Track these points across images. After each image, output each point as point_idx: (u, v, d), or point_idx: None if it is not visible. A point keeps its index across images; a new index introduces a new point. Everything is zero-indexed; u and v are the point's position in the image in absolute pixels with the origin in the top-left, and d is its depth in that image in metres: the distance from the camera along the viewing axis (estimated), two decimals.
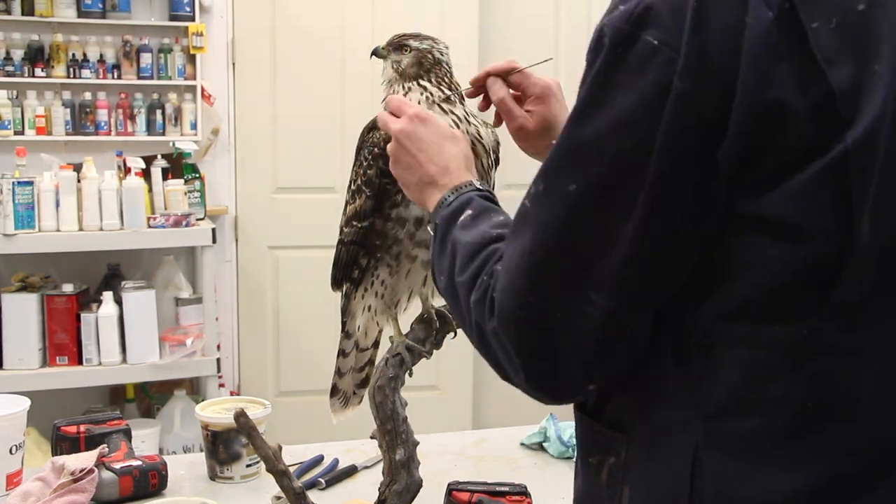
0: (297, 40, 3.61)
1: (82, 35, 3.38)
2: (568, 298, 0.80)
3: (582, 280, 0.79)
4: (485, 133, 1.28)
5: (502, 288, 0.84)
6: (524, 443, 1.77)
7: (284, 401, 3.60)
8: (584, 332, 0.81)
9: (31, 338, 3.01)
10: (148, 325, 3.10)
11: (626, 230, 0.77)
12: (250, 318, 3.71)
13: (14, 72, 3.29)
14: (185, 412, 3.27)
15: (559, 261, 0.81)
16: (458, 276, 0.94)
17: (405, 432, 1.29)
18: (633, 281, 0.79)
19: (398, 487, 1.28)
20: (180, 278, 3.31)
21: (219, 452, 1.58)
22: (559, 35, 3.89)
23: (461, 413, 3.80)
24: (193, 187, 3.31)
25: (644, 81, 0.75)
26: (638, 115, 0.75)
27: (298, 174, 3.67)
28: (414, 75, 1.29)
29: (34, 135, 3.31)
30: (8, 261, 3.17)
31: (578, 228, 0.79)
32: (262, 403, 1.67)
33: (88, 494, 1.41)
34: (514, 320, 0.83)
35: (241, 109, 3.63)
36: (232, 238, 3.67)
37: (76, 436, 1.57)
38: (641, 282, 0.79)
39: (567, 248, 0.80)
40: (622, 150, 0.76)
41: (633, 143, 0.75)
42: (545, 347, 0.83)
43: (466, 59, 3.52)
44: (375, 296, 1.32)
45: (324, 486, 1.57)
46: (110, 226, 3.05)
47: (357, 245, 1.30)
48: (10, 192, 2.92)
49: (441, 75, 1.29)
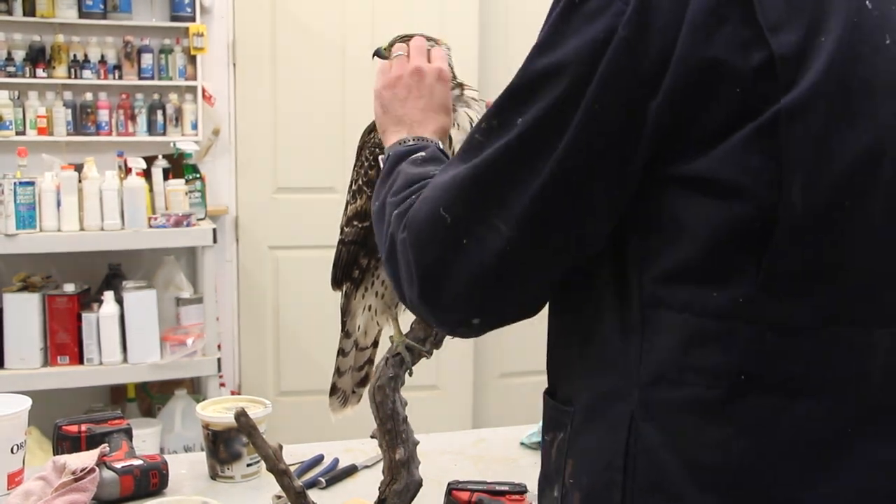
0: (297, 40, 3.61)
1: (83, 36, 3.38)
2: (477, 220, 0.83)
3: (495, 206, 0.82)
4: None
5: (422, 199, 0.88)
6: (524, 442, 1.78)
7: (285, 400, 3.61)
8: (481, 259, 0.83)
9: (32, 337, 3.01)
10: (149, 325, 3.11)
11: (546, 167, 0.79)
12: (251, 318, 3.72)
13: (15, 72, 3.30)
14: (186, 412, 3.28)
15: (482, 184, 0.83)
16: (389, 197, 0.98)
17: (405, 432, 1.30)
18: (540, 218, 0.81)
19: (398, 487, 1.29)
20: (181, 278, 3.31)
21: (219, 452, 1.59)
22: None
23: (461, 413, 3.81)
24: (194, 187, 3.32)
25: (594, 28, 0.78)
26: (581, 58, 0.78)
27: (298, 174, 3.68)
28: None
29: (35, 135, 3.31)
30: (9, 261, 3.17)
31: (508, 158, 0.82)
32: (263, 403, 1.67)
33: (89, 494, 1.41)
34: (422, 230, 0.87)
35: (242, 110, 3.63)
36: (232, 238, 3.67)
37: (77, 435, 1.57)
38: (548, 221, 0.81)
39: (493, 174, 0.83)
40: (561, 90, 0.79)
41: (572, 84, 0.78)
42: (443, 265, 0.85)
43: (466, 59, 3.52)
44: (376, 295, 1.33)
45: (324, 486, 1.58)
46: (111, 226, 3.06)
47: (358, 245, 1.31)
48: (12, 192, 2.92)
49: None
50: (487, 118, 0.86)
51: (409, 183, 0.98)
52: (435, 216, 0.85)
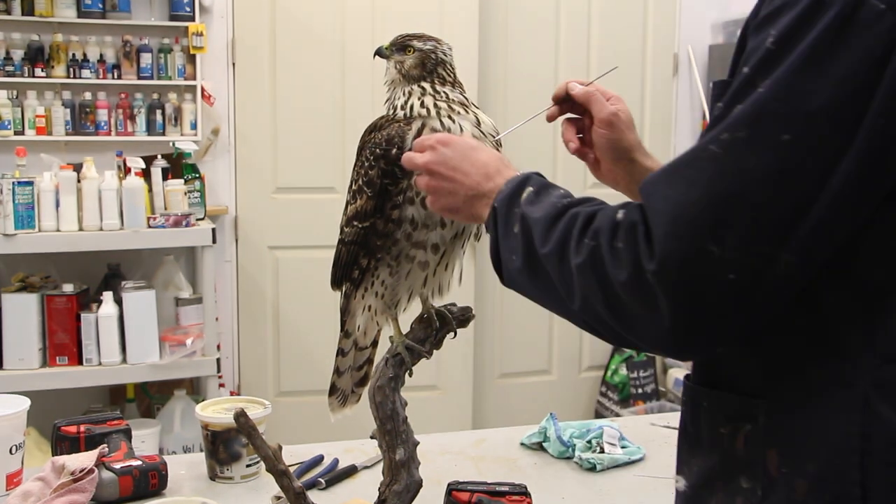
0: (297, 40, 3.61)
1: (82, 35, 3.38)
2: (756, 253, 0.80)
3: (778, 235, 0.80)
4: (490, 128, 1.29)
5: (670, 234, 0.82)
6: (524, 443, 1.77)
7: (284, 401, 3.60)
8: (756, 292, 0.81)
9: (31, 338, 3.01)
10: (148, 325, 3.10)
11: (831, 187, 0.79)
12: (250, 318, 3.72)
13: (14, 72, 3.30)
14: (185, 412, 3.28)
15: (760, 211, 0.80)
16: (541, 249, 0.94)
17: (405, 432, 1.29)
18: (824, 239, 0.81)
19: (398, 487, 1.28)
20: (180, 278, 3.31)
21: (219, 452, 1.58)
22: (559, 35, 3.89)
23: (461, 413, 3.80)
24: (193, 187, 3.31)
25: (868, 42, 0.79)
26: (861, 73, 0.79)
27: (298, 174, 3.68)
28: (417, 77, 1.29)
29: (34, 135, 3.31)
30: (8, 261, 3.17)
31: (788, 180, 0.80)
32: (262, 403, 1.67)
33: (88, 494, 1.41)
34: (683, 268, 0.81)
35: (241, 109, 3.63)
36: (232, 238, 3.67)
37: (76, 436, 1.57)
38: (829, 241, 0.81)
39: (771, 200, 0.80)
40: (841, 105, 0.79)
41: (854, 98, 0.79)
42: (707, 302, 0.81)
43: (466, 59, 3.52)
44: (375, 296, 1.32)
45: (324, 486, 1.57)
46: (110, 226, 3.06)
47: (358, 245, 1.30)
48: (11, 192, 2.92)
49: (444, 76, 1.30)
50: (728, 128, 0.82)
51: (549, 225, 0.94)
52: (697, 249, 0.81)
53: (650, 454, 1.71)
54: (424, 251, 1.27)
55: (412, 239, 1.27)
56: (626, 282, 0.84)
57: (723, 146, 0.82)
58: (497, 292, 3.83)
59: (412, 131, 1.25)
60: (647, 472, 1.65)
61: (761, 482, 0.89)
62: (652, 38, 4.06)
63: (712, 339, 0.85)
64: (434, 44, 1.31)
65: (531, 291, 1.01)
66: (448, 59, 1.31)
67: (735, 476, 0.91)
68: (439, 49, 1.30)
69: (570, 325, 1.01)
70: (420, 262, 1.28)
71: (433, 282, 1.33)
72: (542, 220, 0.95)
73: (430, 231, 1.26)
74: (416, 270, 1.30)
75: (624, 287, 0.85)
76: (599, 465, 1.65)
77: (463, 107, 1.28)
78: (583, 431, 1.74)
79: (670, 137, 4.13)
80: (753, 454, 0.90)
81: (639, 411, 3.86)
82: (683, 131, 4.09)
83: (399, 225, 1.26)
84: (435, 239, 1.27)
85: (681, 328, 0.83)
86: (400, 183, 1.24)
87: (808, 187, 0.79)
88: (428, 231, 1.26)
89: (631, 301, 0.85)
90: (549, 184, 1.03)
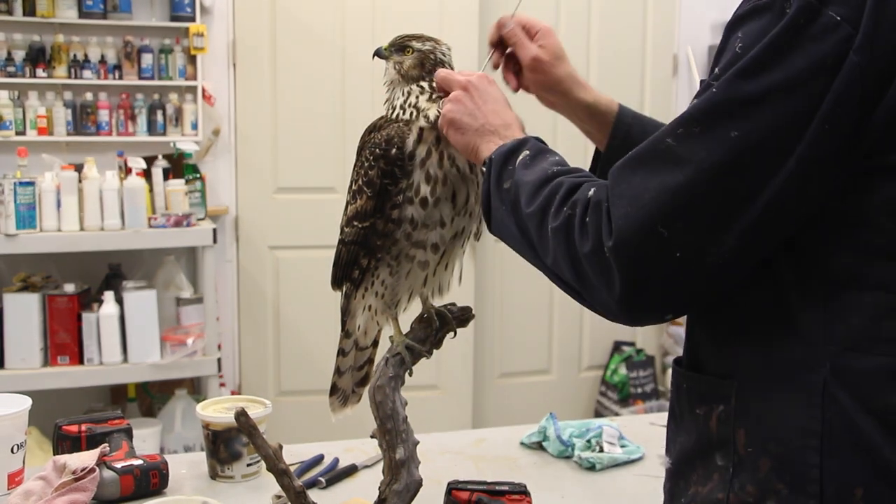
0: (297, 40, 3.61)
1: (83, 36, 3.38)
2: (700, 237, 0.88)
3: (722, 222, 0.87)
4: None
5: (626, 215, 0.90)
6: (524, 442, 1.78)
7: (285, 400, 3.61)
8: (700, 270, 0.89)
9: (32, 337, 3.01)
10: (149, 325, 3.11)
11: (775, 181, 0.86)
12: (251, 318, 3.72)
13: (15, 72, 3.30)
14: (186, 411, 3.28)
15: (706, 200, 0.88)
16: (525, 209, 1.03)
17: (405, 432, 1.30)
18: (766, 228, 0.88)
19: (398, 486, 1.29)
20: (181, 278, 3.32)
21: (219, 451, 1.59)
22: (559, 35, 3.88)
23: (461, 413, 3.81)
24: (194, 187, 3.32)
25: (822, 51, 0.84)
26: (811, 79, 0.84)
27: (298, 174, 3.68)
28: (416, 77, 1.29)
29: (35, 135, 3.31)
30: (9, 261, 3.18)
31: (734, 173, 0.87)
32: (263, 403, 1.67)
33: (90, 493, 1.42)
34: (635, 247, 0.90)
35: (242, 110, 3.63)
36: (232, 238, 3.67)
37: (77, 435, 1.57)
38: (772, 229, 0.88)
39: (717, 190, 0.87)
40: (790, 108, 0.85)
41: (802, 103, 0.85)
42: (654, 277, 0.90)
43: (466, 59, 3.52)
44: (376, 296, 1.33)
45: (324, 486, 1.58)
46: (111, 226, 3.06)
47: (358, 245, 1.31)
48: (12, 192, 2.92)
49: None
50: (683, 124, 0.89)
51: (536, 189, 1.03)
52: (650, 232, 0.89)
53: (649, 453, 1.71)
54: (424, 251, 1.28)
55: (412, 239, 1.27)
56: (589, 253, 0.93)
57: (678, 140, 0.89)
58: (497, 292, 3.84)
59: (413, 133, 1.25)
60: (647, 471, 1.65)
61: (732, 460, 0.95)
62: (652, 38, 4.06)
63: (656, 309, 0.94)
64: (433, 44, 1.31)
65: (512, 241, 1.09)
66: (447, 59, 1.32)
67: (711, 454, 0.97)
68: (438, 49, 1.31)
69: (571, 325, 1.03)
70: (420, 262, 1.29)
71: (433, 281, 1.33)
72: (531, 184, 1.04)
73: (429, 231, 1.26)
74: (416, 270, 1.30)
75: (587, 258, 0.94)
76: (599, 464, 1.65)
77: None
78: (582, 431, 1.75)
79: None
80: (725, 433, 0.95)
81: (638, 411, 3.87)
82: None
83: (399, 225, 1.26)
84: (435, 239, 1.27)
85: (630, 298, 0.91)
86: (400, 183, 1.24)
87: (752, 182, 0.86)
88: (428, 231, 1.26)
89: (591, 270, 0.94)
90: (545, 149, 1.11)
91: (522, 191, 1.04)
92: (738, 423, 0.94)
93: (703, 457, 0.98)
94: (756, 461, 0.92)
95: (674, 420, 1.05)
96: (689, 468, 1.00)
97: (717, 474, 0.96)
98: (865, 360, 0.87)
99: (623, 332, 4.03)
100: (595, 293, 0.95)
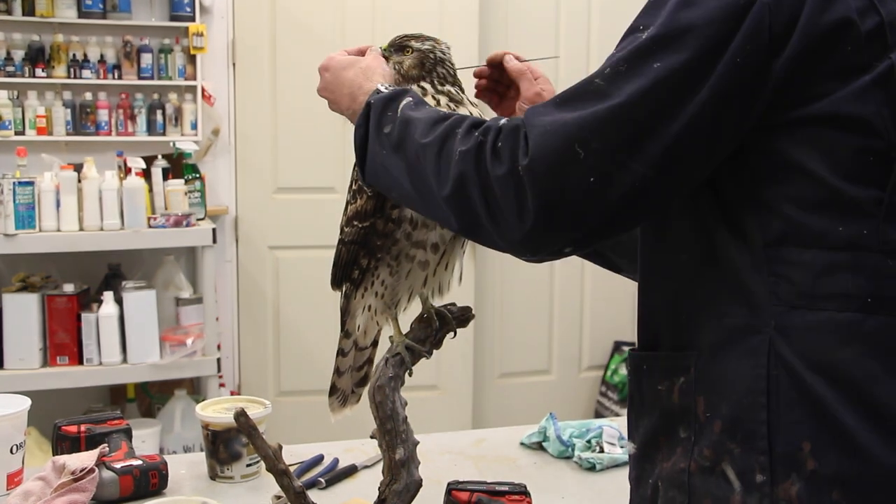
0: (297, 40, 3.61)
1: (83, 35, 3.38)
2: (610, 159, 0.90)
3: (634, 147, 0.90)
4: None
5: (544, 134, 0.92)
6: (524, 442, 1.77)
7: (284, 400, 3.61)
8: (606, 195, 0.91)
9: (31, 338, 3.01)
10: (148, 325, 3.10)
11: (687, 110, 0.89)
12: (250, 318, 3.72)
13: (15, 72, 3.30)
14: (186, 412, 3.28)
15: (622, 124, 0.91)
16: (421, 139, 1.03)
17: (405, 432, 1.29)
18: (674, 158, 0.91)
19: (398, 487, 1.29)
20: (181, 278, 3.31)
21: (219, 452, 1.59)
22: (559, 35, 3.88)
23: (461, 413, 3.81)
24: (194, 187, 3.31)
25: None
26: (726, 15, 0.89)
27: (298, 174, 3.68)
28: (416, 77, 1.29)
29: (35, 135, 3.31)
30: (9, 261, 3.17)
31: (650, 100, 0.90)
32: (263, 403, 1.67)
33: (89, 494, 1.41)
34: (550, 164, 0.91)
35: (242, 109, 3.63)
36: (232, 238, 3.67)
37: (77, 435, 1.57)
38: (681, 161, 0.91)
39: (634, 116, 0.90)
40: (704, 43, 0.89)
41: (717, 37, 0.89)
42: (566, 198, 0.92)
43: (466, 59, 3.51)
44: (375, 296, 1.32)
45: (324, 486, 1.58)
46: (111, 226, 3.06)
47: (358, 245, 1.31)
48: (11, 192, 2.92)
49: (443, 76, 1.30)
50: (612, 64, 0.93)
51: (432, 123, 1.03)
52: (567, 151, 0.91)
53: None
54: (424, 251, 1.27)
55: (412, 238, 1.27)
56: (502, 176, 0.94)
57: (605, 78, 0.93)
58: (497, 292, 3.83)
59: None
60: None
61: (693, 430, 0.97)
62: None
63: (560, 238, 0.95)
64: (432, 43, 1.31)
65: (393, 183, 1.08)
66: (447, 58, 1.32)
67: (675, 428, 0.99)
68: (437, 48, 1.31)
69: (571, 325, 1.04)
70: (420, 262, 1.29)
71: (433, 281, 1.33)
72: (427, 119, 1.05)
73: (429, 231, 1.26)
74: (416, 270, 1.30)
75: (499, 181, 0.94)
76: (599, 464, 1.65)
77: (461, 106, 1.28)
78: (582, 431, 1.74)
79: None
80: (686, 403, 0.98)
81: None
82: None
83: (399, 224, 1.26)
84: (435, 238, 1.27)
85: (541, 223, 0.92)
86: None
87: (665, 109, 0.90)
88: (428, 231, 1.26)
89: (501, 193, 0.94)
90: (424, 100, 1.13)
91: (415, 126, 1.05)
92: (697, 391, 0.96)
93: (667, 432, 1.00)
94: (711, 424, 0.95)
95: (634, 407, 1.06)
96: (653, 448, 1.02)
97: (681, 447, 0.98)
98: (808, 316, 0.90)
99: (623, 333, 4.03)
100: (501, 220, 0.95)
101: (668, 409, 0.99)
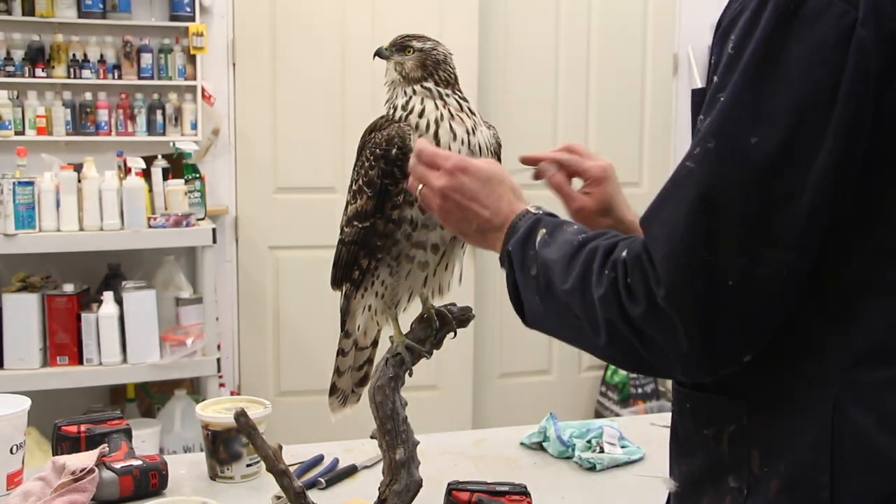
0: (297, 41, 3.61)
1: (83, 35, 3.38)
2: (744, 253, 0.81)
3: (761, 235, 0.80)
4: (487, 136, 1.28)
5: (668, 256, 0.83)
6: (524, 442, 1.77)
7: (284, 401, 3.61)
8: (759, 294, 0.81)
9: (31, 338, 3.01)
10: (148, 325, 3.10)
11: (809, 178, 0.79)
12: (250, 318, 3.72)
13: (14, 72, 3.30)
14: (186, 412, 3.28)
15: (738, 216, 0.81)
16: (562, 286, 0.94)
17: (405, 432, 1.30)
18: (812, 231, 0.81)
19: (398, 487, 1.29)
20: (181, 278, 3.31)
21: (219, 452, 1.58)
22: (559, 36, 3.89)
23: (461, 413, 3.81)
24: (194, 187, 3.31)
25: (819, 32, 0.79)
26: (818, 64, 0.79)
27: (298, 174, 3.68)
28: (418, 78, 1.29)
29: (35, 135, 3.31)
30: (8, 261, 3.17)
31: (761, 180, 0.80)
32: (263, 403, 1.67)
33: (89, 494, 1.41)
34: (688, 286, 0.82)
35: (242, 109, 3.63)
36: (232, 238, 3.67)
37: (77, 435, 1.57)
38: (818, 231, 0.81)
39: (748, 202, 0.81)
40: (805, 99, 0.79)
41: (816, 91, 0.79)
42: (719, 314, 0.82)
43: (466, 61, 3.52)
44: (375, 296, 1.32)
45: (324, 486, 1.57)
46: (111, 226, 3.06)
47: (358, 245, 1.30)
48: (11, 192, 2.92)
49: (444, 77, 1.29)
50: (699, 143, 0.83)
51: (568, 263, 0.94)
52: (695, 265, 0.81)
53: (650, 454, 1.71)
54: (424, 251, 1.27)
55: (412, 239, 1.27)
56: (644, 314, 0.85)
57: (696, 160, 0.83)
58: (497, 292, 3.83)
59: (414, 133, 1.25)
60: (647, 471, 1.65)
61: (747, 481, 0.90)
62: (652, 38, 4.06)
63: (731, 351, 0.85)
64: (433, 43, 1.31)
65: (555, 329, 1.01)
66: (448, 59, 1.31)
67: (723, 476, 0.92)
68: (438, 49, 1.31)
69: None
70: (420, 263, 1.29)
71: (433, 282, 1.33)
72: (561, 260, 0.95)
73: (429, 231, 1.26)
74: (416, 270, 1.30)
75: (644, 320, 0.85)
76: (599, 464, 1.65)
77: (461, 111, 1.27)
78: (583, 431, 1.74)
79: (670, 137, 4.13)
80: (738, 454, 0.90)
81: (639, 411, 3.86)
82: (683, 131, 4.09)
83: (399, 225, 1.26)
84: (435, 239, 1.27)
85: (700, 346, 0.83)
86: (400, 183, 1.24)
87: (784, 185, 0.80)
88: (428, 231, 1.26)
89: (652, 331, 0.85)
90: (561, 222, 1.03)
91: (554, 270, 0.95)
92: (750, 443, 0.89)
93: (714, 479, 0.93)
94: (768, 481, 0.88)
95: (677, 441, 0.99)
96: (698, 492, 0.95)
97: (730, 496, 0.91)
98: (880, 372, 0.83)
99: None
100: (663, 356, 0.86)
101: (717, 455, 0.92)
